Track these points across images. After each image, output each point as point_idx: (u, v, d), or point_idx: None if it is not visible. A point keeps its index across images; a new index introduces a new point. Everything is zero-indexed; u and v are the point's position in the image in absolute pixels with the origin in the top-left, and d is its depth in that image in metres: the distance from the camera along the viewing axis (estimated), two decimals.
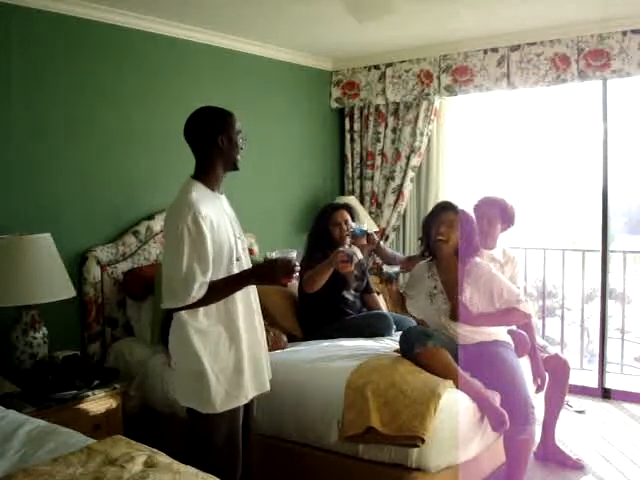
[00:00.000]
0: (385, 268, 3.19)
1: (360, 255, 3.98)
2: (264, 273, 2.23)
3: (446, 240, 3.00)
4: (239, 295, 2.28)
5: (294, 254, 2.22)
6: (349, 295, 3.70)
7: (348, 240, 3.78)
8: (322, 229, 3.74)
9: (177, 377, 2.36)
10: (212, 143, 2.27)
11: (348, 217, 3.74)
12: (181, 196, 2.23)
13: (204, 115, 2.30)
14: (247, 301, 2.34)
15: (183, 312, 2.21)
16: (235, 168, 2.37)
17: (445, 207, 3.09)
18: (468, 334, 2.99)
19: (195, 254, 2.13)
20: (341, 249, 3.43)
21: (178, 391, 2.35)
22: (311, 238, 3.82)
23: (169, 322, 3.31)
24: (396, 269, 3.25)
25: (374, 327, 3.55)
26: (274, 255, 2.22)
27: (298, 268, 2.20)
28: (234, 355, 2.26)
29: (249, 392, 2.33)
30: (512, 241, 5.19)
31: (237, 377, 2.27)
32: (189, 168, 4.06)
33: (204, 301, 2.17)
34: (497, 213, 3.48)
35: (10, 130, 3.17)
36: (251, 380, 2.33)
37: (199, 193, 2.23)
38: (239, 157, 2.35)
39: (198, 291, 2.13)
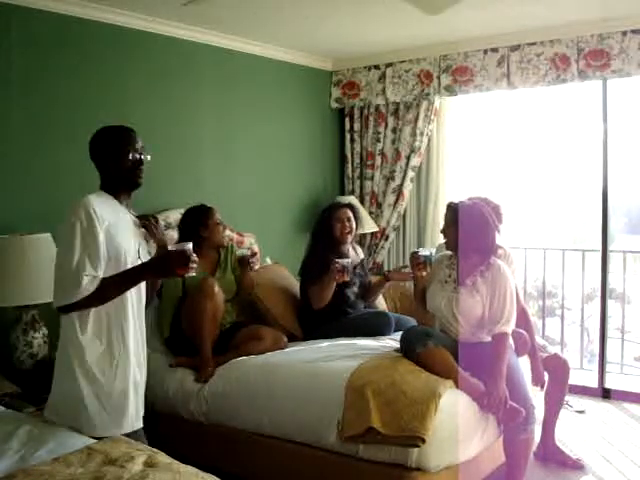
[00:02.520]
0: (421, 251, 3.19)
1: (362, 255, 3.99)
2: (157, 264, 2.14)
3: (446, 237, 3.10)
4: (130, 310, 2.20)
5: (189, 245, 2.13)
6: (351, 294, 3.70)
7: (349, 238, 3.77)
8: (324, 225, 3.75)
9: (54, 396, 2.22)
10: (104, 165, 2.31)
11: (351, 215, 3.78)
12: (81, 197, 2.22)
13: (104, 135, 2.36)
14: (139, 318, 2.26)
15: (70, 319, 2.14)
16: (138, 186, 2.30)
17: (447, 206, 3.15)
18: (469, 331, 3.00)
19: (87, 248, 2.08)
20: (336, 260, 3.44)
21: (54, 412, 2.20)
22: (313, 236, 3.84)
23: (175, 324, 3.34)
24: (430, 251, 3.26)
25: (374, 325, 3.56)
26: (169, 248, 2.17)
27: (195, 258, 2.10)
28: (120, 375, 2.16)
29: (134, 421, 2.22)
30: (512, 241, 5.20)
31: (121, 401, 2.17)
32: (189, 168, 4.09)
33: (96, 298, 2.08)
34: None
35: (10, 130, 3.17)
36: (135, 408, 2.22)
37: (101, 198, 2.22)
38: (141, 172, 2.27)
39: (88, 285, 2.05)
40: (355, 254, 3.89)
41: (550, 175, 6.56)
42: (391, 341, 3.38)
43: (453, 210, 3.07)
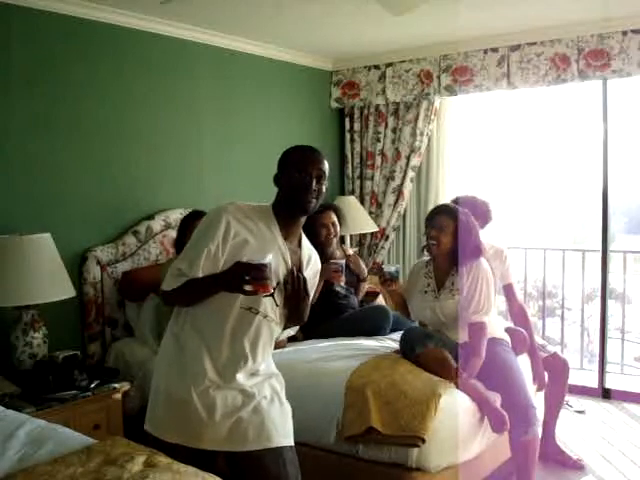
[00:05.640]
0: (385, 267, 3.15)
1: (350, 251, 3.99)
2: (224, 276, 1.93)
3: (437, 244, 3.00)
4: (232, 324, 2.00)
5: (266, 259, 1.90)
6: (340, 288, 3.68)
7: (334, 242, 3.74)
8: (309, 230, 3.68)
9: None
10: (277, 183, 2.12)
11: (335, 219, 3.71)
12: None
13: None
14: (237, 336, 2.02)
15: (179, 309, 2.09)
16: (303, 212, 2.07)
17: (438, 211, 3.08)
18: (464, 333, 2.99)
19: (192, 247, 2.00)
20: (332, 261, 3.41)
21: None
22: None
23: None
24: (396, 267, 3.23)
25: (372, 320, 3.54)
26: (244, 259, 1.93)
27: (268, 275, 1.87)
28: (186, 380, 2.01)
29: (204, 437, 2.01)
30: (512, 241, 5.20)
31: (183, 408, 2.01)
32: (189, 169, 4.10)
33: (175, 295, 2.00)
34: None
35: (11, 130, 3.17)
36: (211, 424, 2.00)
37: (253, 213, 2.04)
38: (306, 198, 2.02)
39: (173, 280, 1.98)
40: (342, 255, 3.87)
41: (550, 175, 6.56)
42: (391, 341, 3.38)
43: (449, 215, 3.00)
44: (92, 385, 2.93)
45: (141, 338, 3.51)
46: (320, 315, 3.59)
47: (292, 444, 2.15)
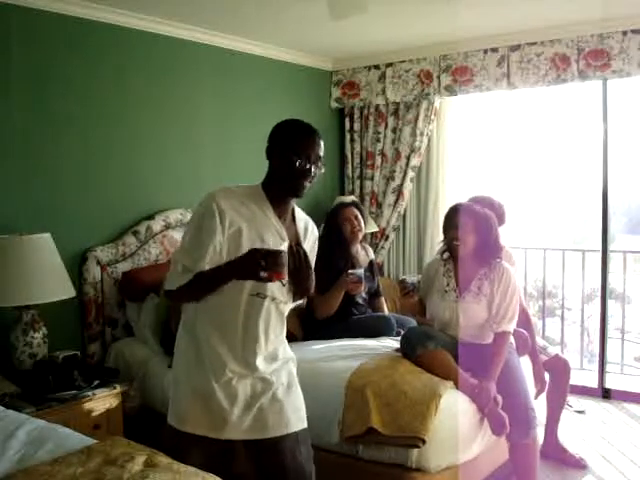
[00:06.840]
0: (408, 278, 3.17)
1: (372, 254, 3.97)
2: (239, 263, 1.92)
3: (462, 243, 2.96)
4: (243, 309, 2.02)
5: (282, 246, 1.94)
6: (359, 298, 3.69)
7: (359, 236, 3.75)
8: (333, 227, 3.71)
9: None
10: (270, 159, 2.12)
11: (358, 213, 3.75)
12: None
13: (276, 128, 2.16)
14: (250, 322, 2.04)
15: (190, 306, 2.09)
16: (295, 196, 2.06)
17: (458, 210, 3.03)
18: (470, 334, 2.99)
19: (193, 242, 1.98)
20: (350, 272, 3.41)
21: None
22: (324, 239, 3.76)
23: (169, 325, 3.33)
24: (417, 277, 3.25)
25: (377, 328, 3.54)
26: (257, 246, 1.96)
27: (284, 262, 1.87)
28: (207, 373, 2.04)
29: (227, 427, 2.04)
30: (512, 241, 5.19)
31: (205, 400, 2.04)
32: (189, 169, 4.09)
33: (183, 292, 1.99)
34: None
35: (10, 130, 3.17)
36: (234, 413, 2.04)
37: (244, 196, 2.03)
38: (303, 183, 2.02)
39: (178, 277, 1.97)
40: (365, 255, 3.87)
41: (550, 175, 6.56)
42: (391, 341, 3.38)
43: (469, 214, 2.96)
44: (92, 385, 2.93)
45: (141, 338, 3.51)
46: (329, 317, 3.57)
47: (305, 426, 2.19)
